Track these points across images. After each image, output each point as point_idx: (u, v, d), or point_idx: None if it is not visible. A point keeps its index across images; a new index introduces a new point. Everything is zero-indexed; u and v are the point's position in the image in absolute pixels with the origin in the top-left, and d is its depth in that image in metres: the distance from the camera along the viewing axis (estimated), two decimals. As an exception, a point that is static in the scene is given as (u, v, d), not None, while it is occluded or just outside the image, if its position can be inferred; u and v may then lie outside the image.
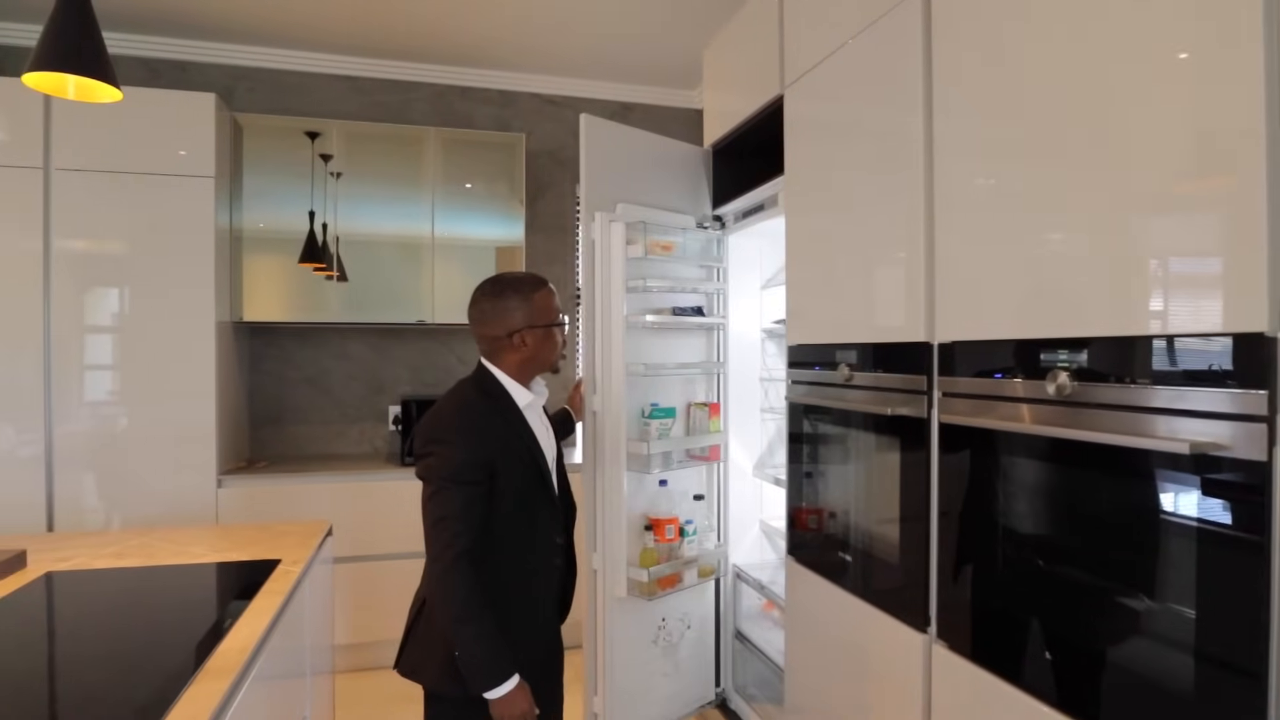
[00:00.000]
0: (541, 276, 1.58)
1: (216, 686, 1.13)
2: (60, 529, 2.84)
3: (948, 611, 1.41)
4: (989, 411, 1.29)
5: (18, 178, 2.80)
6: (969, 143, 1.36)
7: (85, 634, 1.37)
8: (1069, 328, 1.14)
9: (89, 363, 2.89)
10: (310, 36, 3.38)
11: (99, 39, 1.60)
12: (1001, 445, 1.27)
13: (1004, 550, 1.28)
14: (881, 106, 1.60)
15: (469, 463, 1.39)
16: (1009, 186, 1.27)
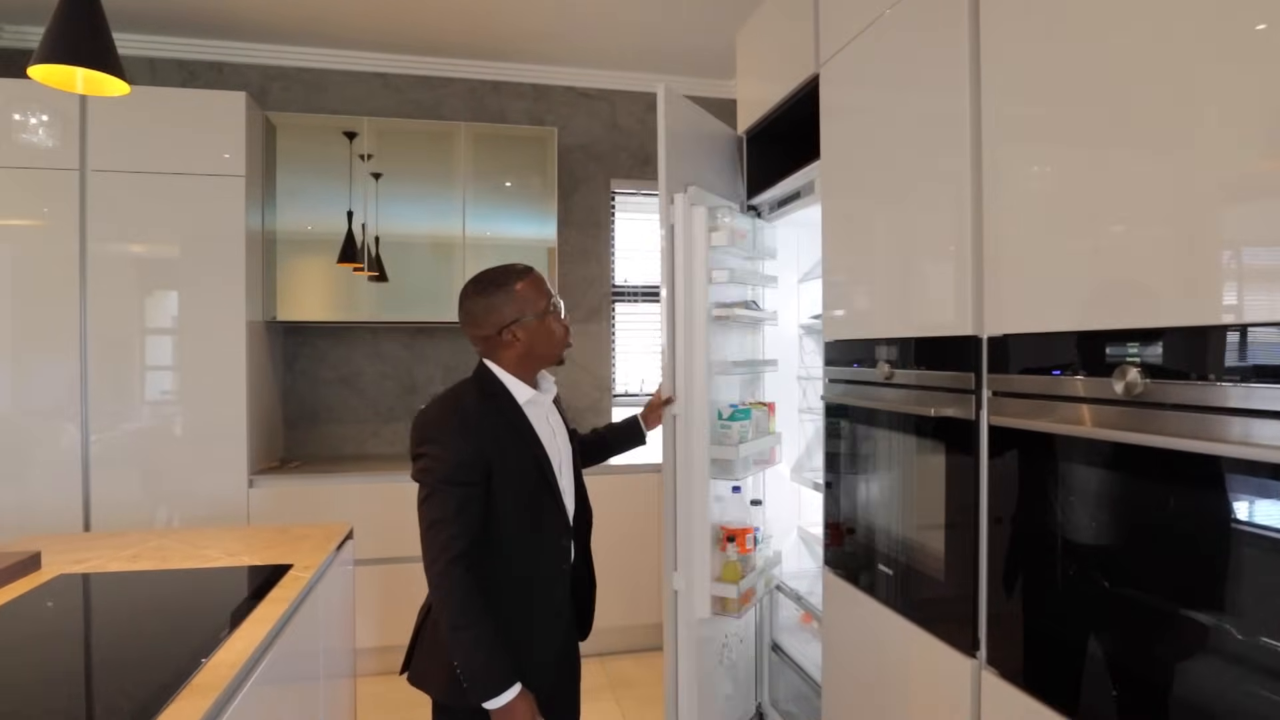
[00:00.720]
0: (526, 266, 1.49)
1: (198, 704, 1.06)
2: (96, 529, 2.87)
3: (999, 634, 1.26)
4: (1046, 413, 1.14)
5: (56, 180, 2.83)
6: (1021, 119, 1.21)
7: (78, 642, 1.33)
8: (1140, 317, 0.99)
9: (121, 364, 2.90)
10: (343, 34, 3.36)
11: (106, 31, 1.56)
12: (1061, 451, 1.13)
13: (1064, 568, 1.13)
14: (923, 81, 1.46)
15: (462, 463, 1.33)
16: (1068, 166, 1.12)
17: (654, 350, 4.04)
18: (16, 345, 2.82)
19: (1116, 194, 1.04)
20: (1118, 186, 1.03)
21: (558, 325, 1.47)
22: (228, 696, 1.13)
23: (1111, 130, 1.04)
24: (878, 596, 1.63)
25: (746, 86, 2.42)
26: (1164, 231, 0.96)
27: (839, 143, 1.81)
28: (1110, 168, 1.05)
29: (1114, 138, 1.04)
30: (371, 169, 3.33)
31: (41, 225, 2.83)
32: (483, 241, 3.45)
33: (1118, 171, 1.03)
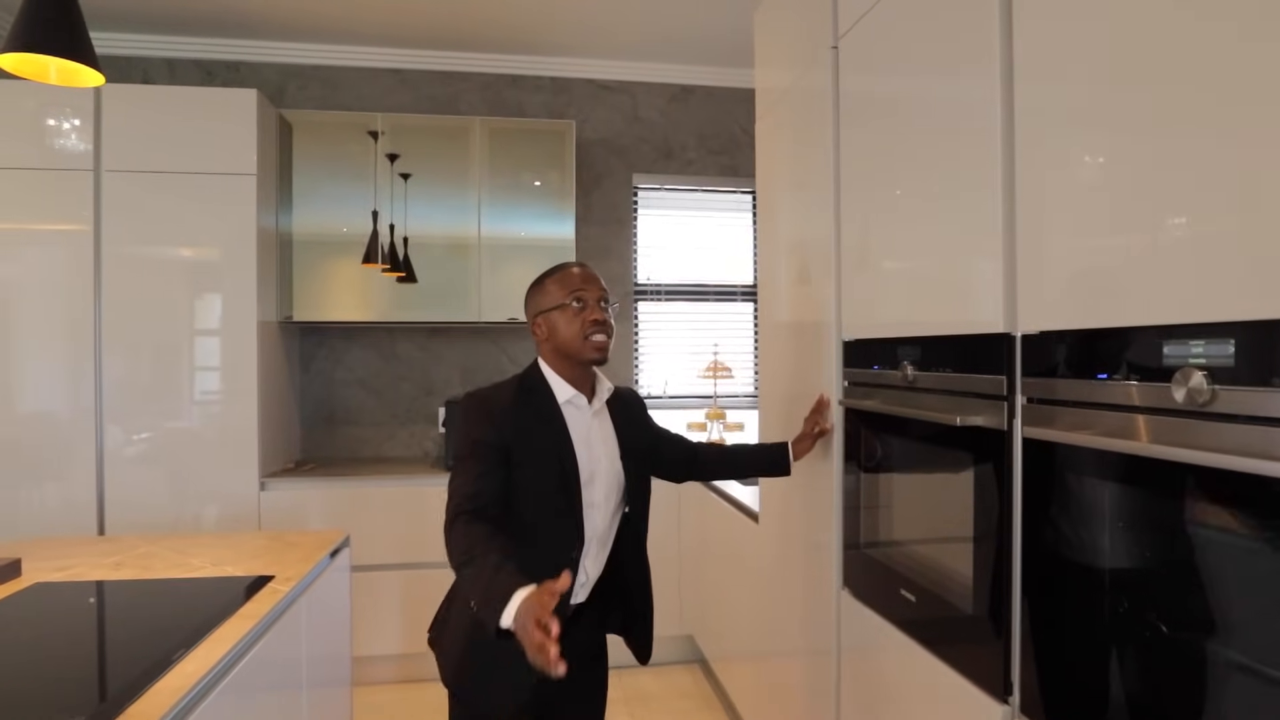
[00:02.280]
0: (571, 263, 1.55)
1: (123, 740, 0.96)
2: (110, 530, 2.84)
3: (1036, 678, 1.10)
4: (1090, 424, 0.97)
5: (71, 180, 2.82)
6: (1060, 100, 1.05)
7: (30, 658, 1.25)
8: (1206, 309, 0.82)
9: (134, 364, 2.88)
10: (359, 31, 3.30)
11: (80, 20, 1.49)
12: (1110, 470, 0.96)
13: (1113, 606, 0.96)
14: (948, 52, 1.30)
15: (481, 442, 1.38)
16: (1116, 146, 0.95)
17: (681, 350, 3.90)
18: (31, 346, 2.81)
19: (1175, 174, 0.87)
20: (1177, 166, 0.86)
21: (576, 320, 1.45)
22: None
23: (1168, 109, 0.87)
24: (900, 625, 1.47)
25: (764, 76, 2.27)
26: (1233, 211, 0.80)
27: (857, 123, 1.65)
28: (1168, 147, 0.88)
29: (1171, 117, 0.87)
30: (397, 169, 3.25)
31: (58, 227, 2.82)
32: (499, 240, 3.36)
33: (1177, 151, 0.86)
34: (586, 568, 1.49)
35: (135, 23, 3.20)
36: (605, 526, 1.49)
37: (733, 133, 3.75)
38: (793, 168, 2.05)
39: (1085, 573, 1.01)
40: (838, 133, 1.74)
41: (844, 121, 1.72)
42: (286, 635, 1.56)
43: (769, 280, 2.25)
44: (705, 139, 3.76)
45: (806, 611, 1.94)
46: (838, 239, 1.74)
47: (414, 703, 2.85)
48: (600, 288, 1.51)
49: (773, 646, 2.23)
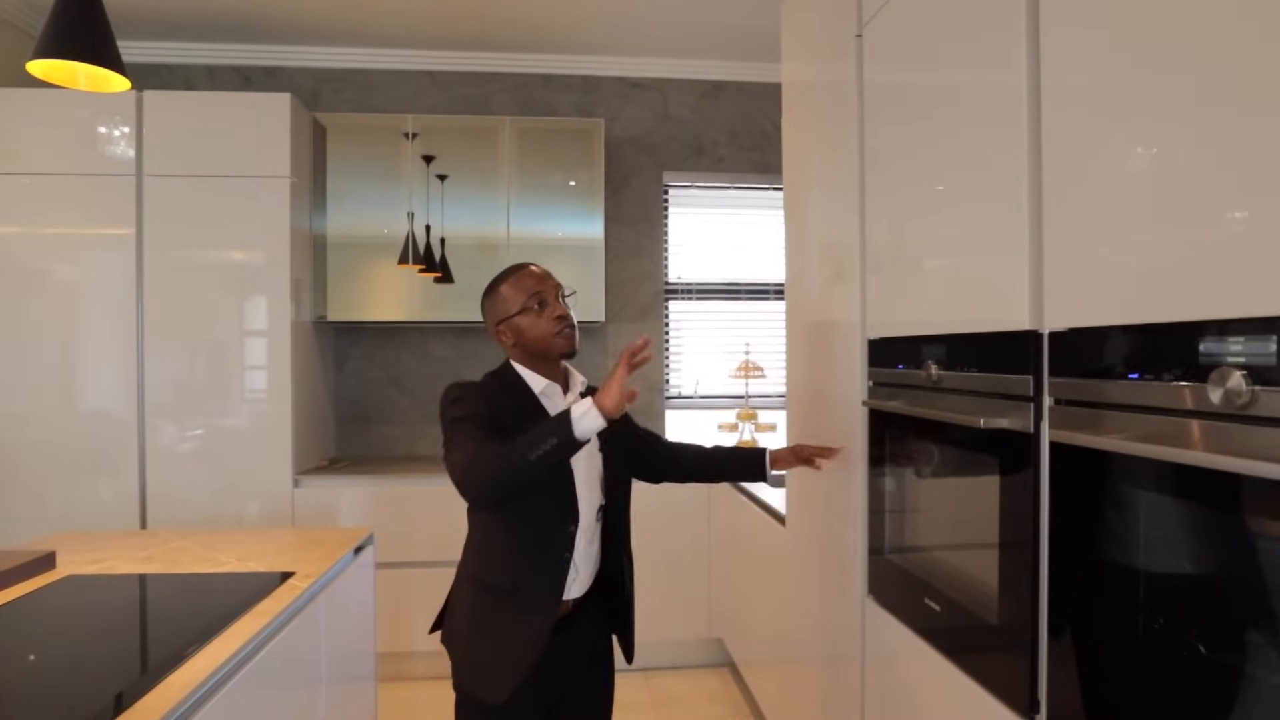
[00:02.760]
0: (517, 265, 1.57)
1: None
2: (153, 524, 2.92)
3: (1064, 695, 1.04)
4: (1121, 427, 0.91)
5: (117, 185, 2.90)
6: (1090, 87, 0.99)
7: (52, 650, 1.27)
8: (1245, 303, 0.76)
9: (174, 364, 2.95)
10: (392, 34, 3.33)
11: (106, 26, 1.52)
12: (1142, 476, 0.90)
13: (1147, 622, 0.90)
14: (971, 34, 1.24)
15: (483, 411, 1.40)
16: (1151, 132, 0.89)
17: (713, 350, 3.86)
18: (88, 346, 2.91)
19: (1212, 163, 0.81)
20: (1213, 155, 0.80)
21: (539, 322, 1.49)
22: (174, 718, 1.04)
23: (1205, 94, 0.81)
24: (923, 634, 1.41)
25: (790, 67, 2.21)
26: (1275, 200, 0.73)
27: (883, 113, 1.60)
28: (1204, 134, 0.81)
29: (1208, 103, 0.81)
30: (433, 170, 3.28)
31: (107, 231, 2.91)
32: (528, 240, 3.36)
33: (1214, 139, 0.80)
34: (577, 563, 1.49)
35: (177, 31, 3.28)
36: (588, 519, 1.51)
37: (764, 128, 3.69)
38: (817, 162, 2.00)
39: (1118, 585, 0.95)
40: (862, 126, 1.68)
41: (868, 113, 1.66)
42: (305, 631, 1.57)
43: (795, 278, 2.20)
44: (736, 135, 3.71)
45: (831, 618, 1.88)
46: (862, 234, 1.69)
47: (445, 699, 2.86)
48: (554, 281, 1.55)
49: (798, 652, 2.18)
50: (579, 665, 1.55)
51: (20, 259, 2.89)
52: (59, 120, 2.88)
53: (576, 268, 3.39)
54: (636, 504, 1.66)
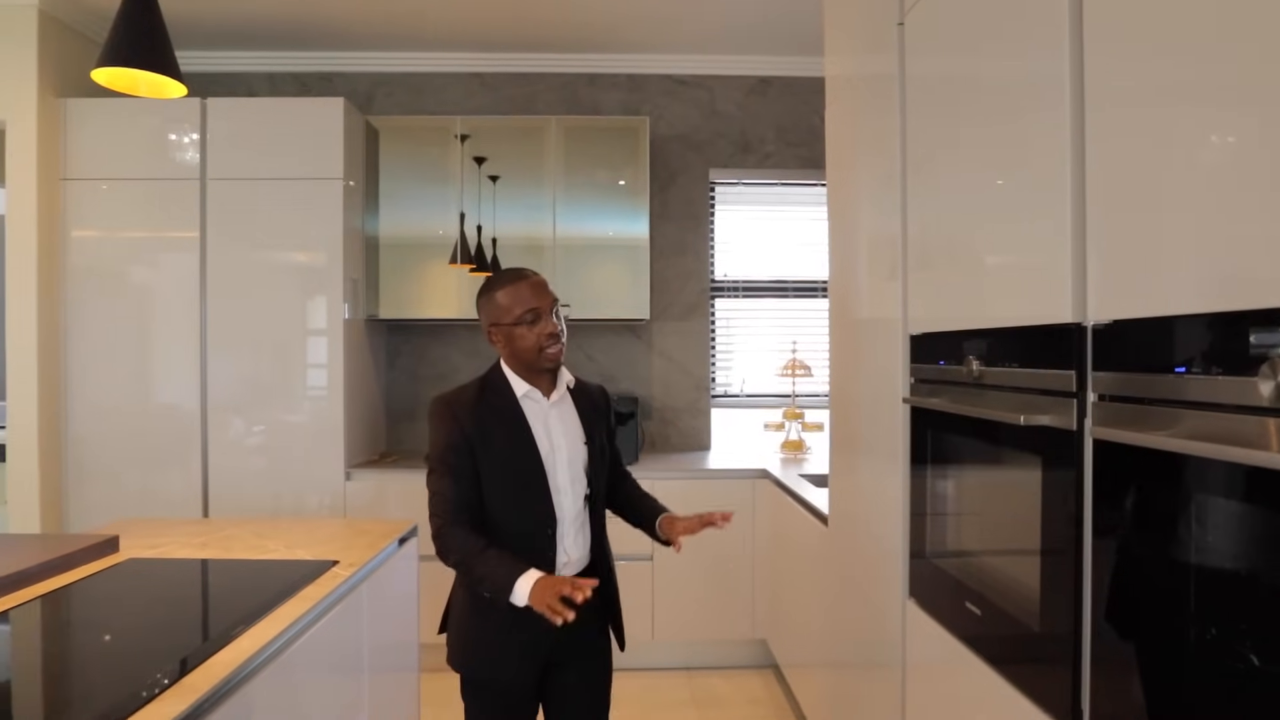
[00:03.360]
0: (518, 272, 1.60)
1: (170, 709, 1.01)
2: (215, 513, 3.05)
3: (1109, 707, 0.99)
4: (1167, 424, 0.86)
5: (183, 189, 3.04)
6: (1133, 70, 0.94)
7: (111, 627, 1.34)
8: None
9: (235, 361, 3.07)
10: (442, 37, 3.40)
11: (165, 36, 1.60)
12: (1192, 476, 0.85)
13: (1199, 631, 0.85)
14: (1012, 18, 1.20)
15: (449, 446, 1.52)
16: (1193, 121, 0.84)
17: (760, 348, 3.82)
18: (160, 344, 3.06)
19: (1260, 143, 0.76)
20: (1262, 134, 0.75)
21: (530, 334, 1.54)
22: (215, 696, 1.08)
23: (1252, 76, 0.76)
24: (965, 640, 1.37)
25: (833, 60, 2.17)
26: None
27: (924, 105, 1.55)
28: (1253, 124, 0.77)
29: (1255, 84, 0.76)
30: (485, 171, 3.34)
31: (176, 234, 3.05)
32: (574, 239, 3.38)
33: (1264, 118, 0.75)
34: (567, 548, 1.58)
35: (240, 40, 3.42)
36: (575, 508, 1.59)
37: (812, 123, 3.63)
38: (859, 156, 1.96)
39: (1166, 592, 0.90)
40: (904, 117, 1.64)
41: (910, 105, 1.62)
42: (347, 618, 1.62)
43: (837, 274, 2.16)
44: (784, 131, 3.67)
45: (873, 620, 1.84)
46: (904, 228, 1.65)
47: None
48: (551, 295, 1.58)
49: (840, 654, 2.14)
50: (573, 645, 1.60)
51: (97, 261, 3.05)
52: (131, 128, 3.03)
53: (622, 265, 3.40)
54: (684, 503, 1.80)
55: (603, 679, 1.70)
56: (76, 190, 3.04)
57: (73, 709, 1.07)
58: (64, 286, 3.04)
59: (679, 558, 3.04)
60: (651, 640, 3.11)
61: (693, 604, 3.13)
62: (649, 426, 3.67)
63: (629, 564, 3.03)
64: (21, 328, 2.96)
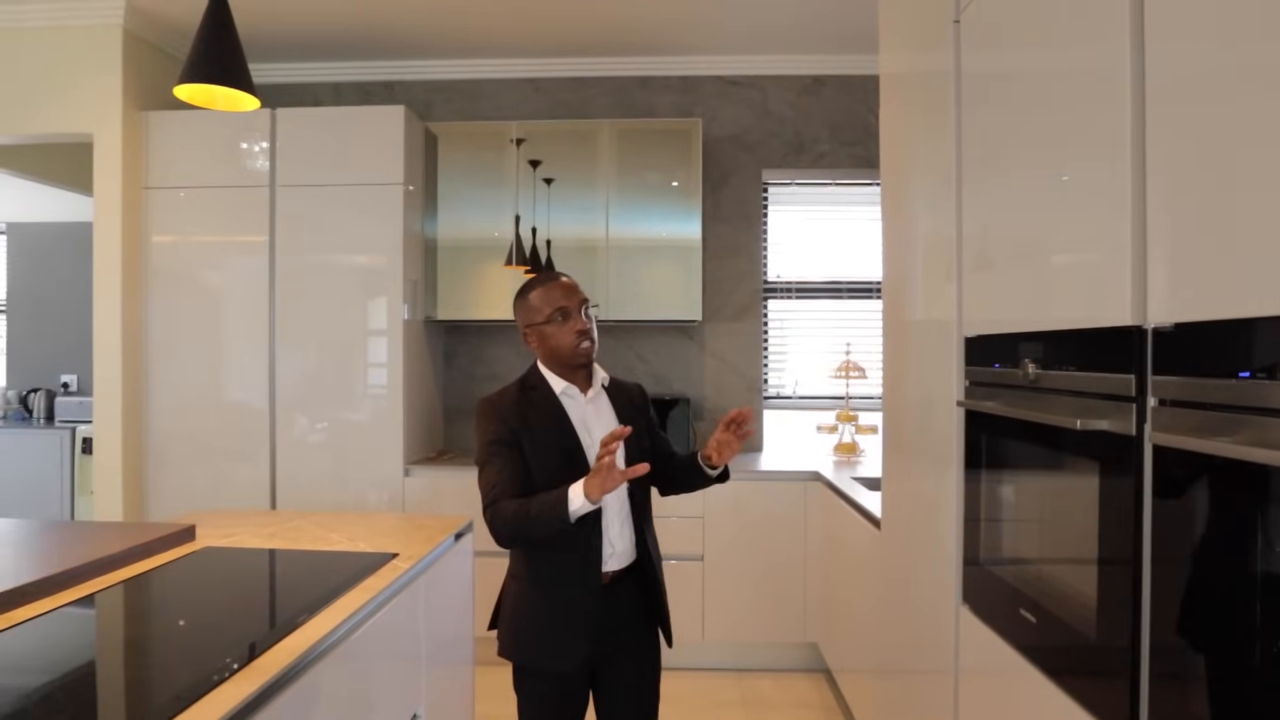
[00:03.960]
0: (550, 275, 1.69)
1: (240, 690, 1.07)
2: (282, 505, 3.18)
3: (1169, 717, 0.96)
4: (1230, 430, 0.84)
5: (254, 196, 3.19)
6: (1192, 61, 0.91)
7: (191, 609, 1.42)
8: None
9: (302, 360, 3.20)
10: (497, 44, 3.48)
11: (240, 54, 1.69)
12: (1257, 484, 0.82)
13: (1265, 644, 0.83)
14: (1069, 11, 1.17)
15: (496, 441, 1.62)
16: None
17: (814, 349, 3.79)
18: (232, 344, 3.21)
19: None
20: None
21: (561, 333, 1.63)
22: (284, 679, 1.14)
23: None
24: (1019, 648, 1.34)
25: (888, 58, 2.15)
26: None
27: (979, 103, 1.53)
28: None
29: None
30: (540, 174, 3.41)
31: (247, 238, 3.20)
32: (626, 239, 3.42)
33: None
34: (612, 540, 1.64)
35: (307, 52, 3.56)
36: (618, 499, 1.64)
37: (867, 122, 3.58)
38: (914, 156, 1.94)
39: (1227, 603, 0.87)
40: (959, 116, 1.62)
41: (966, 103, 1.59)
42: (406, 608, 1.68)
43: (891, 275, 2.14)
44: (838, 130, 3.63)
45: (925, 626, 1.82)
46: (959, 228, 1.62)
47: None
48: (580, 296, 1.66)
49: (892, 660, 2.11)
50: (622, 635, 1.66)
51: (174, 264, 3.22)
52: (207, 138, 3.19)
53: (674, 267, 3.42)
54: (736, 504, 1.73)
55: (652, 670, 1.73)
56: (157, 198, 3.22)
57: (153, 687, 1.14)
58: (145, 289, 3.22)
59: (731, 559, 3.06)
60: (702, 640, 3.12)
61: (743, 606, 3.13)
62: (701, 427, 3.68)
63: (680, 564, 3.05)
64: (107, 328, 3.15)
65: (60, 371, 5.51)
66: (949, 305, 1.66)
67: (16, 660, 1.16)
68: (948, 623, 1.65)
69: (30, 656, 1.18)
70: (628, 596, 1.67)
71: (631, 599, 1.67)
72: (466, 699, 2.19)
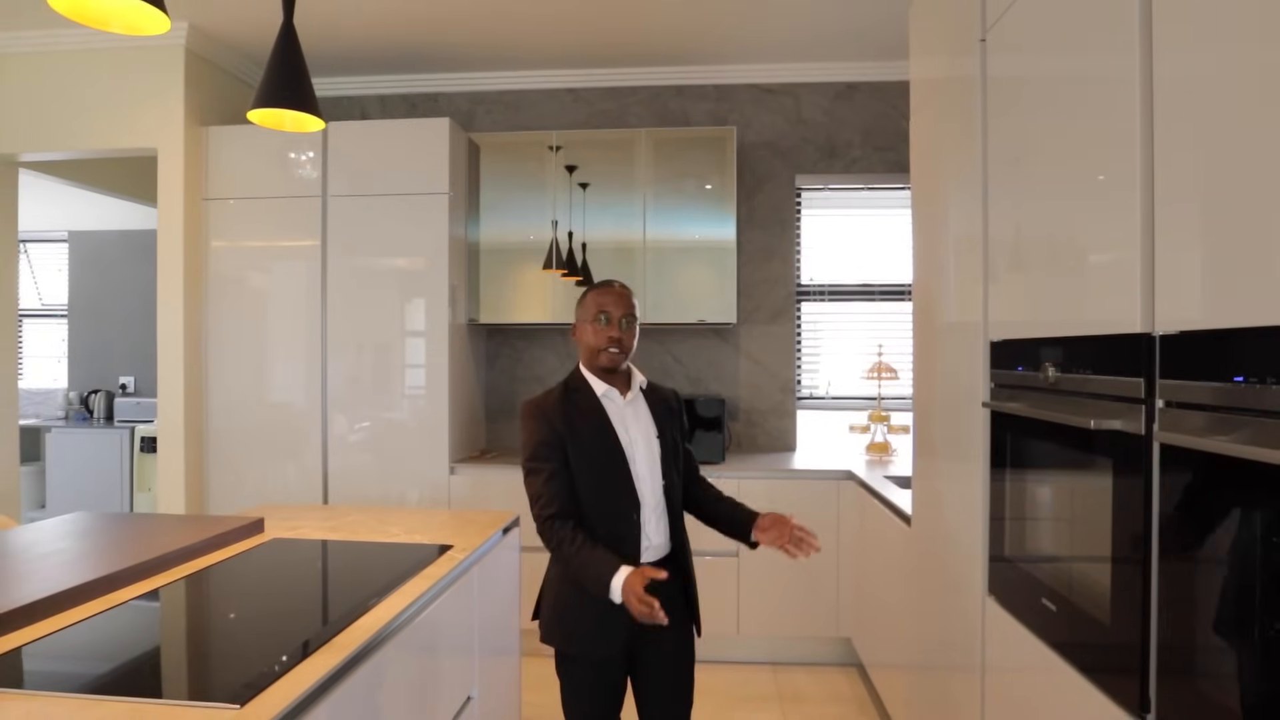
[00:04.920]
0: (609, 280, 1.83)
1: (326, 662, 1.19)
2: (333, 501, 3.34)
3: (1176, 699, 1.04)
4: (1227, 430, 0.91)
5: (306, 205, 3.35)
6: (1201, 69, 0.98)
7: (270, 593, 1.56)
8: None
9: (352, 361, 3.36)
10: (538, 55, 3.60)
11: (307, 79, 1.83)
12: (1255, 479, 0.89)
13: (1263, 629, 0.90)
14: (1084, 30, 1.24)
15: (541, 442, 1.72)
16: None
17: (847, 351, 3.86)
18: (280, 345, 3.39)
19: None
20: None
21: (595, 333, 1.75)
22: (357, 656, 1.26)
23: None
24: (1039, 634, 1.41)
25: (918, 67, 2.22)
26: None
27: (1004, 115, 1.60)
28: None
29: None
30: (575, 179, 3.54)
31: (298, 243, 3.37)
32: (663, 244, 3.52)
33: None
34: (649, 534, 1.74)
35: (356, 67, 3.73)
36: (655, 496, 1.76)
37: (900, 126, 3.63)
38: (942, 164, 2.00)
39: (1228, 588, 0.94)
40: (985, 126, 1.69)
41: (991, 114, 1.67)
42: (460, 596, 1.80)
43: (921, 279, 2.20)
44: (871, 135, 3.69)
45: (953, 618, 1.89)
46: (985, 234, 1.69)
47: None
48: (626, 307, 1.76)
49: (923, 654, 2.18)
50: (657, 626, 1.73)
51: (230, 271, 3.40)
52: (262, 151, 3.36)
53: (709, 271, 3.51)
54: (770, 503, 1.94)
55: (687, 656, 1.83)
56: (215, 208, 3.40)
57: (242, 660, 1.27)
58: (205, 295, 3.41)
59: (764, 556, 3.14)
60: (737, 635, 3.21)
61: (778, 601, 3.21)
62: (735, 427, 3.76)
63: (715, 560, 3.14)
64: (170, 331, 3.34)
65: (119, 373, 5.80)
66: (976, 309, 1.73)
67: (133, 631, 1.30)
68: (975, 613, 1.73)
69: (140, 629, 1.32)
70: (663, 586, 1.75)
71: (666, 588, 1.76)
72: (514, 686, 2.31)
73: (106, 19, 1.28)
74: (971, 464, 1.75)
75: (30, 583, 1.42)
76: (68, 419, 5.73)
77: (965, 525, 1.79)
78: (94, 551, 1.68)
